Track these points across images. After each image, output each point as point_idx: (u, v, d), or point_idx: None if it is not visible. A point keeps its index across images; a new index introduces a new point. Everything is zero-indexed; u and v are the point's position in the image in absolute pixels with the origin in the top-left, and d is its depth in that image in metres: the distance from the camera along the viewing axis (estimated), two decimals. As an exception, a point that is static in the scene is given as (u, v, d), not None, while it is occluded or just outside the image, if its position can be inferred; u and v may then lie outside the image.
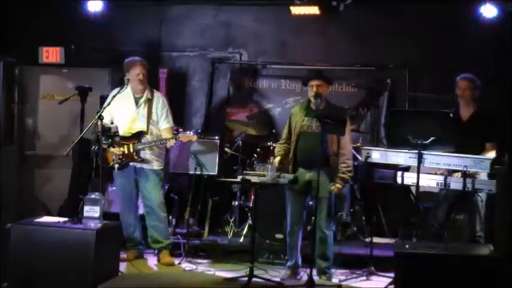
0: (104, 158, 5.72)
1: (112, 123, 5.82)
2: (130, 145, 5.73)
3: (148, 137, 5.77)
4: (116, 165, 5.74)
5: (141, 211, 6.06)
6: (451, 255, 4.16)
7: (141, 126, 5.80)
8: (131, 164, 5.77)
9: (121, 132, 5.78)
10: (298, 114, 5.44)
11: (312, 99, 5.32)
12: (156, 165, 5.85)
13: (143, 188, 5.84)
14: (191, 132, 5.73)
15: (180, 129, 5.80)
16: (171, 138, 5.67)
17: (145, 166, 5.80)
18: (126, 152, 5.73)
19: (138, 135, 5.76)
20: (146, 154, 5.77)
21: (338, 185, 5.23)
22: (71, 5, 7.56)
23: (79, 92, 5.31)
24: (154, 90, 6.00)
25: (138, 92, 5.86)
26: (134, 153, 5.72)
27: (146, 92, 5.87)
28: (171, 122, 5.94)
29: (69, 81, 7.36)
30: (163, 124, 5.88)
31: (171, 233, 6.21)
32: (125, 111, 5.84)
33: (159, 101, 5.90)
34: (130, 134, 5.78)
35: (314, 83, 5.31)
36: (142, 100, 5.85)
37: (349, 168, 5.27)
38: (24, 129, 7.48)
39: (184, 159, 6.46)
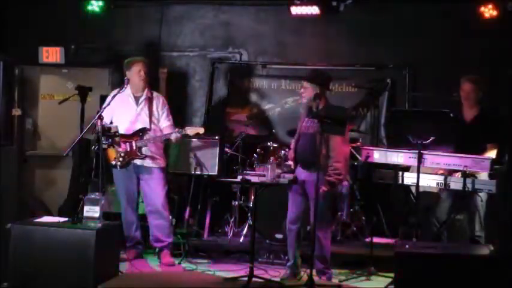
0: (105, 156, 5.72)
1: (111, 123, 5.82)
2: (133, 142, 5.72)
3: (151, 134, 5.77)
4: (118, 163, 5.73)
5: (140, 211, 6.07)
6: (451, 255, 4.15)
7: (143, 123, 5.79)
8: (133, 161, 5.76)
9: (123, 131, 5.78)
10: (303, 114, 5.49)
11: (305, 100, 5.35)
12: (159, 163, 5.85)
13: (146, 185, 5.81)
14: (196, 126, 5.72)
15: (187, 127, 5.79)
16: (176, 131, 5.67)
17: (148, 164, 5.78)
18: (128, 149, 5.73)
19: (140, 132, 5.74)
20: (148, 151, 5.77)
21: (323, 187, 5.10)
22: (71, 5, 7.57)
23: (79, 92, 5.31)
24: (153, 91, 5.99)
25: (138, 90, 5.85)
26: (137, 150, 5.72)
27: (146, 90, 5.88)
28: (171, 120, 5.96)
29: (69, 81, 7.37)
30: (164, 122, 5.90)
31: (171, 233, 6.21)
32: (125, 110, 5.83)
33: (159, 100, 5.93)
34: (132, 131, 5.76)
35: (303, 84, 5.35)
36: (142, 98, 5.85)
37: (336, 171, 5.13)
38: (24, 129, 7.49)
39: (184, 159, 6.45)
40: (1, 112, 6.90)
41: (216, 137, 6.52)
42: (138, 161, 5.77)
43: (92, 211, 4.83)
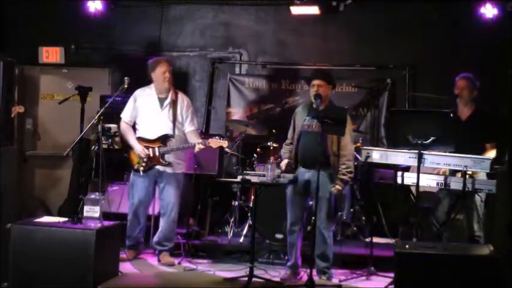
0: (129, 160, 5.70)
1: (135, 124, 5.77)
2: (156, 148, 5.66)
3: (173, 141, 5.70)
4: (141, 168, 5.67)
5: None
6: (451, 255, 4.15)
7: (166, 128, 5.70)
8: (155, 167, 5.71)
9: (145, 135, 5.71)
10: (300, 113, 5.46)
11: (312, 99, 5.32)
12: (179, 169, 5.79)
13: (164, 190, 5.74)
14: (220, 138, 5.61)
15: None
16: (200, 143, 5.57)
17: (169, 170, 5.71)
18: (151, 155, 5.66)
19: (163, 138, 5.68)
20: (170, 157, 5.70)
21: (338, 186, 5.21)
22: (71, 5, 7.58)
23: (79, 92, 5.30)
24: (178, 91, 5.86)
25: (163, 92, 5.73)
26: (160, 157, 5.66)
27: (171, 92, 5.76)
28: (196, 124, 5.89)
29: (69, 81, 7.38)
30: (188, 127, 5.79)
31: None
32: (149, 113, 5.73)
33: (184, 103, 5.80)
34: (155, 137, 5.69)
35: (315, 82, 5.31)
36: (167, 102, 5.72)
37: (349, 169, 5.23)
38: (24, 129, 7.49)
39: (184, 159, 6.43)
40: (1, 112, 6.91)
41: (216, 137, 6.51)
42: (160, 167, 5.70)
43: (92, 211, 4.83)
